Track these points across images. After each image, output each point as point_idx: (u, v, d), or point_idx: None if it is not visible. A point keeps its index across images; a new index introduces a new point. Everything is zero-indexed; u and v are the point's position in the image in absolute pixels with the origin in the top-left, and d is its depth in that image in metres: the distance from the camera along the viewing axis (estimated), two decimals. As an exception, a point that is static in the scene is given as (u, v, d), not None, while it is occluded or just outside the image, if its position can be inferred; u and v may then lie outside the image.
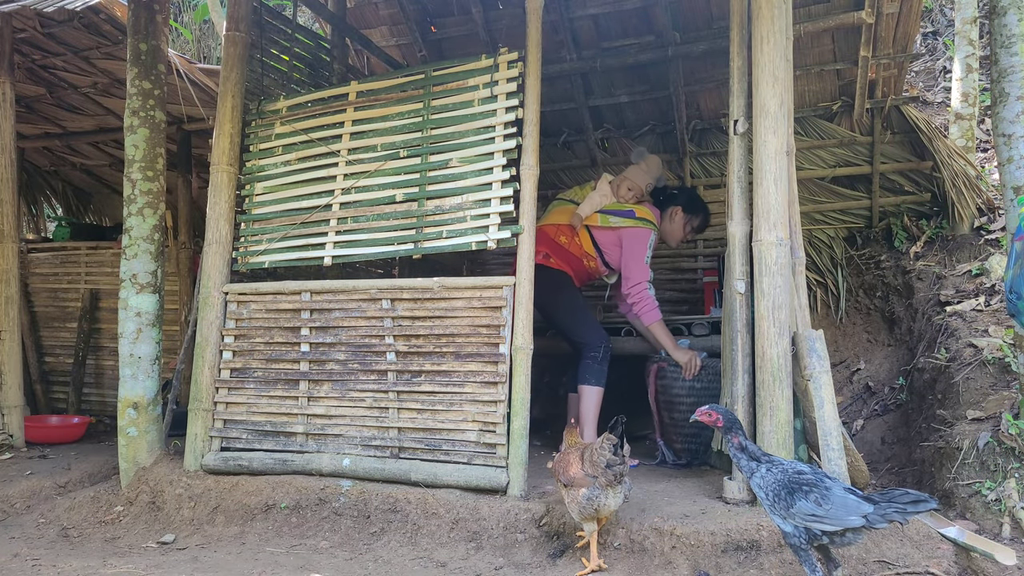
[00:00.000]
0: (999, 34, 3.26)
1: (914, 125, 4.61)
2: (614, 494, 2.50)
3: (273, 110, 3.79)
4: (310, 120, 3.69)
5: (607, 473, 2.47)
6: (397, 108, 3.50)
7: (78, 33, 4.58)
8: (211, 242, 3.62)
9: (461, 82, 3.37)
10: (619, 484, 2.50)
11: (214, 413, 3.54)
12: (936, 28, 7.14)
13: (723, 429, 2.33)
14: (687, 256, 5.21)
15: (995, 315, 3.70)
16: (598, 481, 2.49)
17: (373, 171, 3.46)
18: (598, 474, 2.49)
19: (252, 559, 2.84)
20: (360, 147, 3.55)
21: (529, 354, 3.07)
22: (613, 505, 2.51)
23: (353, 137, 3.58)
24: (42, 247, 6.01)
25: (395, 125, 3.49)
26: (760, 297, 2.80)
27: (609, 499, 2.49)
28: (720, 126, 5.09)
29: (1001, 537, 2.65)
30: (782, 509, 2.12)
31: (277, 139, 3.74)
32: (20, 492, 3.65)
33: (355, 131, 3.58)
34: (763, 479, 2.19)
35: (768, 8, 2.84)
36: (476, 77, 3.33)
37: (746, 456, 2.27)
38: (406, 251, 3.31)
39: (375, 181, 3.46)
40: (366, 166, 3.50)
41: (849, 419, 4.25)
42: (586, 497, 2.49)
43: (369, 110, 3.58)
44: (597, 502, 2.48)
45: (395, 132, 3.48)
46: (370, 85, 3.63)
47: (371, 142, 3.52)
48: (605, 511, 2.51)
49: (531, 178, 3.19)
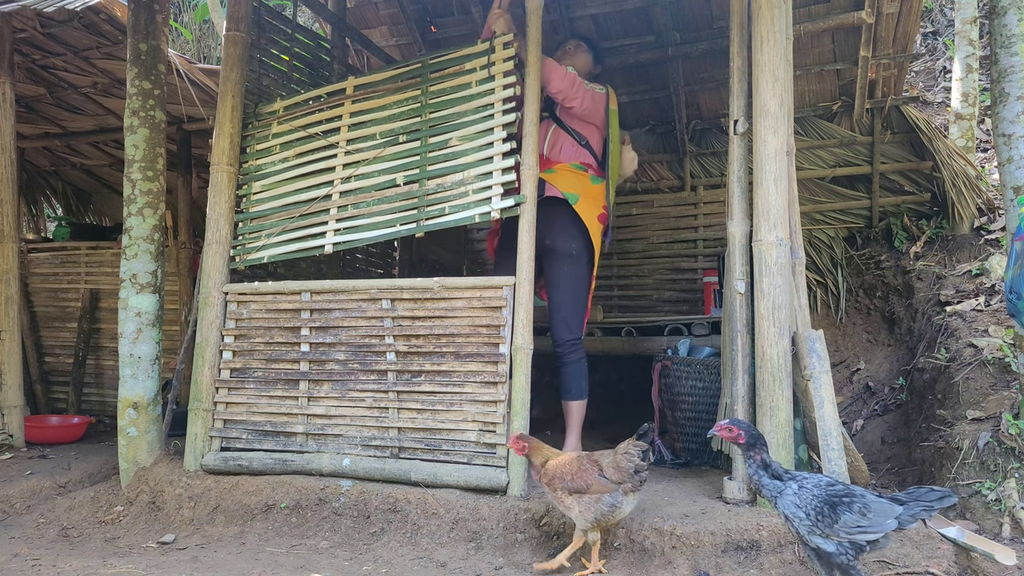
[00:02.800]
0: (999, 34, 3.26)
1: (914, 125, 4.62)
2: (632, 500, 2.50)
3: (270, 111, 3.79)
4: (307, 117, 3.69)
5: (634, 479, 2.46)
6: (395, 97, 3.52)
7: (78, 33, 4.58)
8: (211, 242, 3.62)
9: (458, 66, 3.40)
10: (638, 491, 2.50)
11: (214, 413, 3.54)
12: (936, 28, 7.15)
13: (744, 446, 2.20)
14: (687, 256, 5.22)
15: (995, 315, 3.70)
16: (622, 487, 2.47)
17: (372, 158, 3.48)
18: (625, 479, 2.47)
19: (252, 559, 2.84)
20: (359, 137, 3.57)
21: (529, 354, 3.07)
22: (628, 511, 2.51)
23: (351, 128, 3.59)
24: (42, 247, 6.01)
25: (394, 113, 3.50)
26: (760, 297, 2.80)
27: (627, 505, 2.49)
28: (720, 126, 5.09)
29: (1001, 537, 2.65)
30: (825, 527, 2.00)
31: (274, 138, 3.74)
32: (20, 492, 3.65)
33: (353, 123, 3.59)
34: (799, 497, 2.06)
35: (768, 8, 2.84)
36: (473, 61, 3.36)
37: (769, 474, 2.15)
38: (408, 230, 3.29)
39: (375, 168, 3.46)
40: (365, 154, 3.51)
41: (849, 419, 4.25)
42: (608, 504, 2.46)
43: (366, 102, 3.59)
44: (619, 508, 2.47)
45: (394, 119, 3.49)
46: (368, 79, 3.64)
47: (370, 131, 3.54)
48: (620, 517, 2.50)
49: (531, 178, 3.19)
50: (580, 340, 3.51)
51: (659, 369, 3.80)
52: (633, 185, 5.44)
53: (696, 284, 5.12)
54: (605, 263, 5.44)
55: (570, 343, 3.47)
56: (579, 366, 3.48)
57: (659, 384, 3.81)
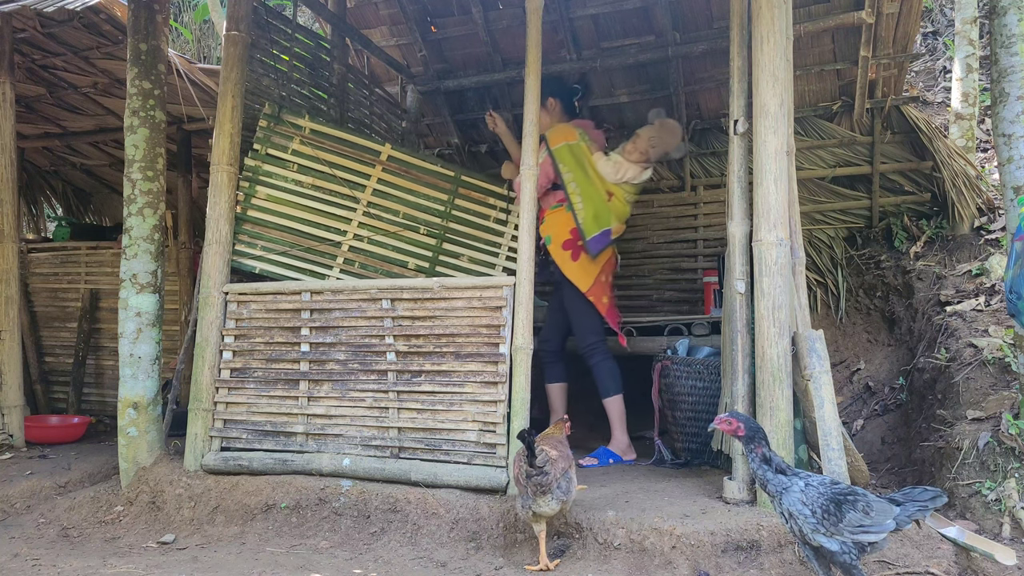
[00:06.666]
0: (999, 34, 3.26)
1: (914, 125, 4.61)
2: (545, 502, 2.55)
3: (295, 124, 3.82)
4: (338, 157, 3.88)
5: (531, 484, 2.54)
6: (425, 189, 4.02)
7: (78, 33, 4.58)
8: (211, 242, 3.61)
9: (482, 196, 4.10)
10: (547, 494, 2.53)
11: (214, 413, 3.54)
12: (936, 28, 7.14)
13: (744, 439, 2.19)
14: (687, 256, 5.22)
15: (995, 315, 3.71)
16: (526, 488, 2.57)
17: (393, 232, 3.93)
18: (523, 484, 2.58)
19: (252, 559, 2.84)
20: (382, 204, 3.94)
21: (529, 354, 3.08)
22: (548, 511, 2.57)
23: (374, 193, 3.93)
24: (42, 247, 6.01)
25: (420, 203, 4.00)
26: (760, 297, 2.80)
27: (542, 507, 2.55)
28: (720, 126, 5.09)
29: (1001, 537, 2.66)
30: (831, 525, 1.99)
31: (294, 155, 3.80)
32: (20, 492, 3.65)
33: (379, 188, 3.95)
34: (805, 495, 2.05)
35: (768, 8, 2.84)
36: (494, 199, 4.11)
37: (772, 469, 2.14)
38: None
39: (390, 241, 3.92)
40: (385, 225, 3.92)
41: (849, 419, 4.25)
42: (520, 503, 2.62)
43: (397, 177, 4.00)
44: (530, 508, 2.56)
45: (418, 208, 3.99)
46: (403, 156, 4.04)
47: (393, 206, 3.96)
48: (545, 512, 2.57)
49: (531, 178, 3.20)
50: (599, 343, 3.90)
51: (659, 369, 3.81)
52: (633, 185, 5.45)
53: (696, 284, 5.12)
54: (605, 263, 5.44)
55: (589, 347, 3.89)
56: (604, 365, 3.87)
57: (659, 384, 3.81)
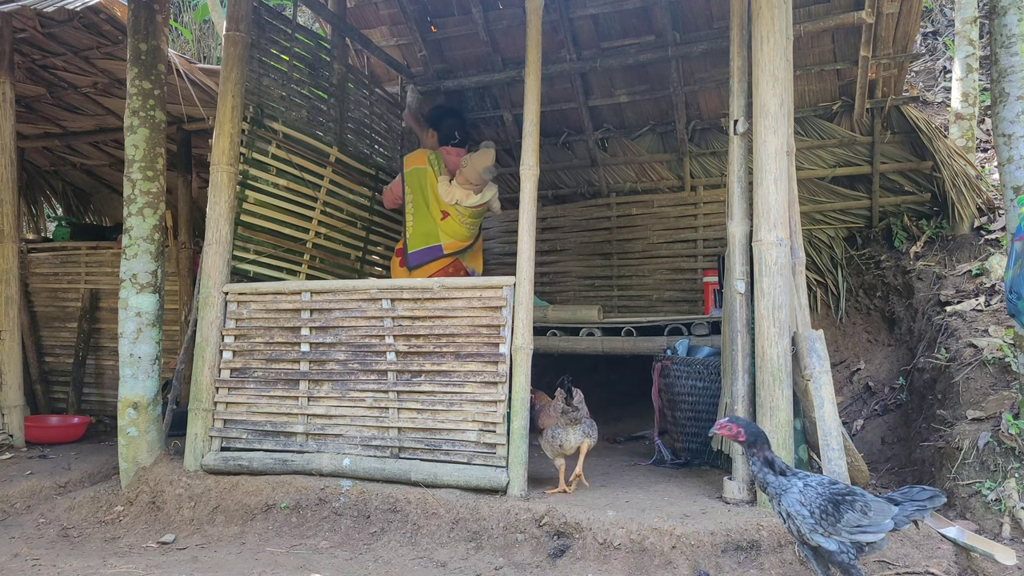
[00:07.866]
0: (999, 34, 3.26)
1: (914, 125, 4.61)
2: (573, 432, 3.08)
3: (272, 128, 3.92)
4: (303, 160, 4.12)
5: (564, 417, 3.09)
6: (358, 187, 4.53)
7: (78, 33, 4.58)
8: (211, 242, 3.61)
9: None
10: (577, 424, 3.09)
11: (214, 413, 3.54)
12: (936, 28, 7.14)
13: (745, 444, 2.18)
14: (687, 256, 5.22)
15: (995, 315, 3.71)
16: (559, 422, 3.09)
17: (340, 227, 4.42)
18: (557, 417, 3.10)
19: (252, 559, 2.84)
20: (333, 203, 4.36)
21: (529, 354, 3.08)
22: (574, 441, 3.09)
23: (328, 193, 4.32)
24: (42, 247, 6.00)
25: (355, 199, 4.52)
26: (760, 297, 2.80)
27: (570, 436, 3.09)
28: (720, 126, 5.09)
29: (1001, 537, 2.66)
30: (828, 525, 2.01)
31: (274, 159, 3.95)
32: (20, 492, 3.65)
33: (331, 188, 4.33)
34: (804, 495, 2.06)
35: (768, 8, 2.84)
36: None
37: (773, 471, 2.13)
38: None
39: (340, 236, 4.43)
40: (335, 222, 4.40)
41: (849, 419, 4.25)
42: (551, 433, 3.11)
43: (341, 176, 4.42)
44: (560, 438, 3.09)
45: (355, 205, 4.50)
46: (347, 159, 4.45)
47: (340, 204, 4.41)
48: (568, 446, 3.09)
49: (531, 178, 3.20)
50: None
51: (659, 369, 3.81)
52: (633, 185, 5.45)
53: (696, 284, 5.12)
54: (605, 263, 5.46)
55: None
56: None
57: (659, 384, 3.81)
